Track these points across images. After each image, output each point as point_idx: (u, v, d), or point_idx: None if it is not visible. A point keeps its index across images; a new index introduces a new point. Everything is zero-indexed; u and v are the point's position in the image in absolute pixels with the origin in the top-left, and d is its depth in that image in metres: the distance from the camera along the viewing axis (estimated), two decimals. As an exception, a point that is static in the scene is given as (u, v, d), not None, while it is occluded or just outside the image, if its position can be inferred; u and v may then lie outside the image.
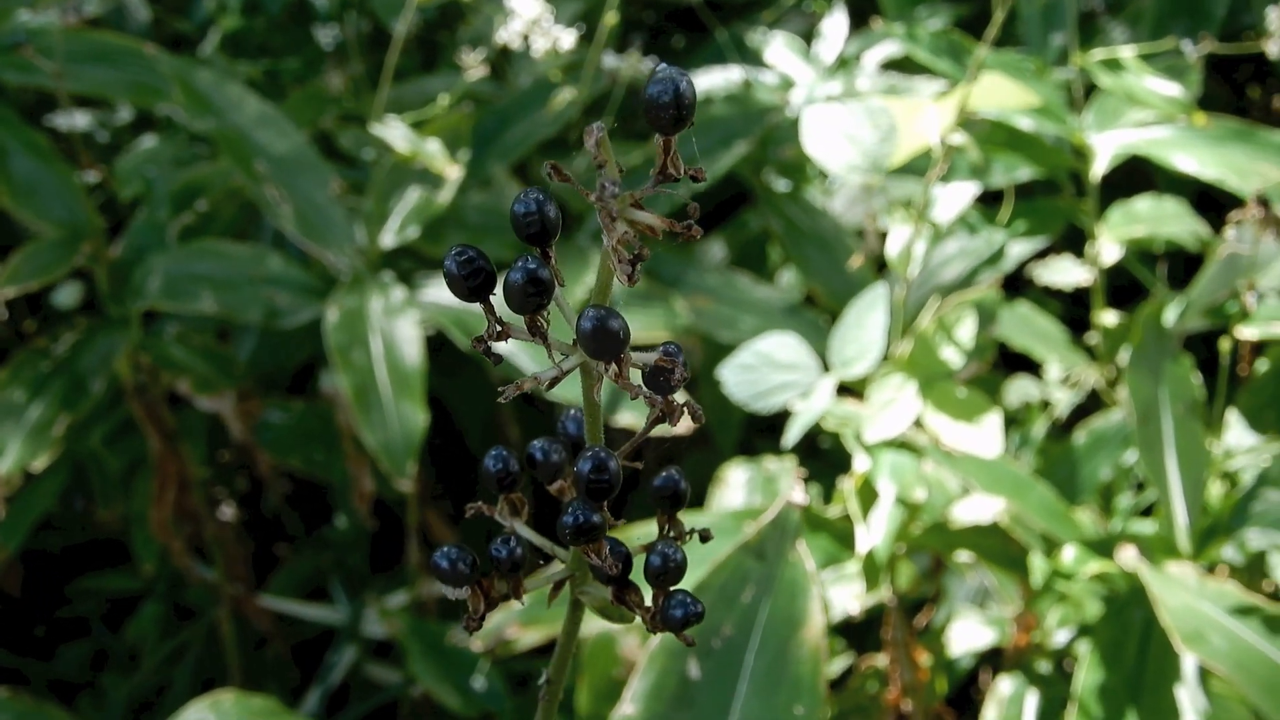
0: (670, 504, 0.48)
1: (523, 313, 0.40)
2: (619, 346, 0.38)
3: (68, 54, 1.70)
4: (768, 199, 1.82)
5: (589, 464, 0.41)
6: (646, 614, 0.46)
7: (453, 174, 1.57)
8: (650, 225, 0.36)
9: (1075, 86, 1.70)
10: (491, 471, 0.48)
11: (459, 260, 0.40)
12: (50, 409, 1.52)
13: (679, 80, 0.35)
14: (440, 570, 0.46)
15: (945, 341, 1.22)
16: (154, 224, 1.69)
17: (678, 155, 0.36)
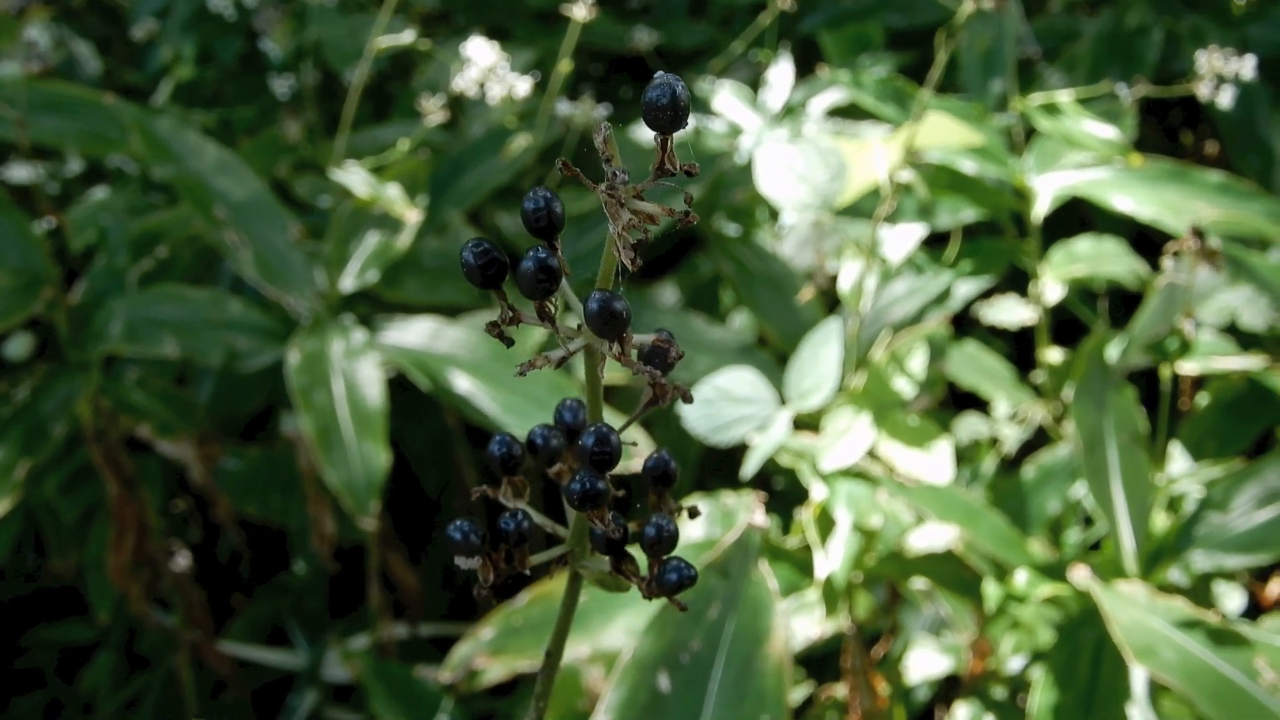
0: (661, 483, 0.51)
1: (533, 298, 0.43)
2: (622, 326, 0.41)
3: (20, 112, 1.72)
4: (719, 243, 1.85)
5: (592, 438, 0.45)
6: (643, 582, 0.50)
7: (412, 218, 1.60)
8: (650, 214, 0.39)
9: (1015, 131, 1.75)
10: (496, 455, 0.51)
11: (475, 251, 0.43)
12: (10, 454, 1.53)
13: (675, 85, 0.39)
14: (454, 542, 0.49)
15: (897, 373, 1.25)
16: (113, 270, 1.70)
17: (674, 153, 0.39)
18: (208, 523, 2.09)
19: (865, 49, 2.11)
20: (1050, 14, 2.26)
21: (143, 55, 2.45)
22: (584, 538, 0.52)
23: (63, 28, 2.46)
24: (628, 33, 2.30)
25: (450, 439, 1.95)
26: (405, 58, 2.33)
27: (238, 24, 2.22)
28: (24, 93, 1.74)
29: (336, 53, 2.11)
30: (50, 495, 1.78)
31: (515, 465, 0.52)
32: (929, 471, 1.22)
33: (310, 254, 1.70)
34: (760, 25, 1.84)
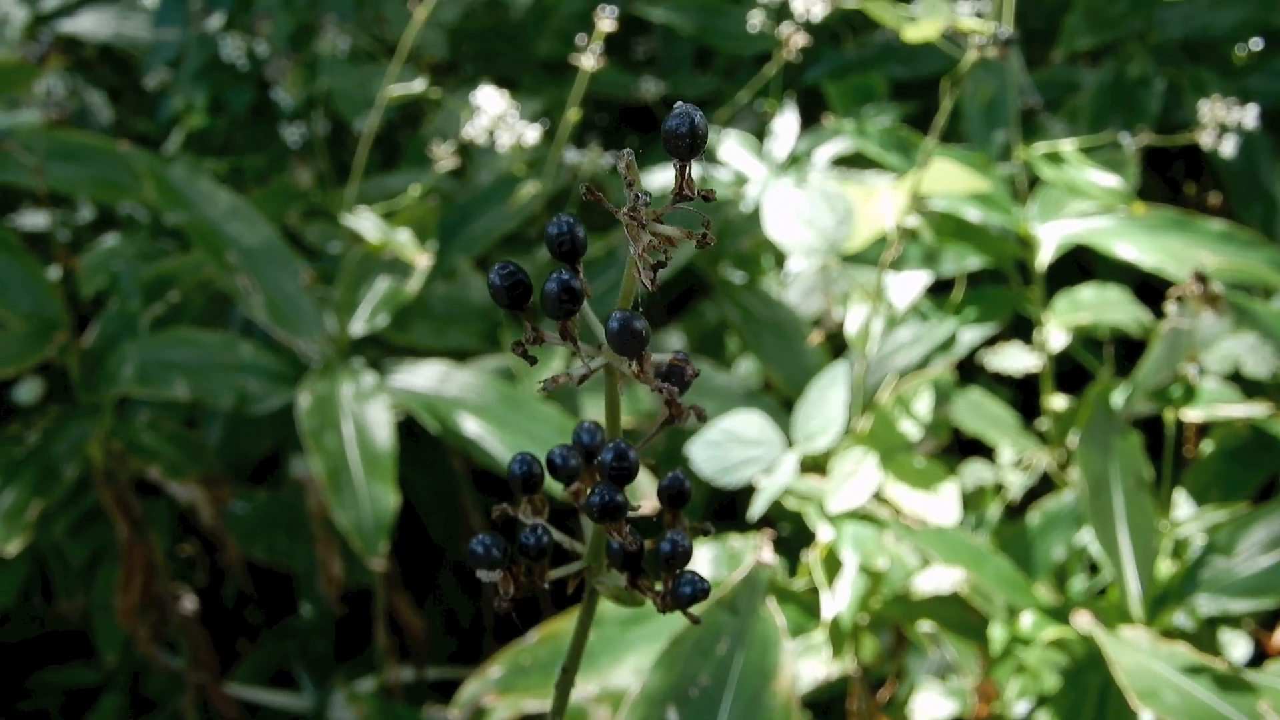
0: (675, 501, 0.53)
1: (556, 318, 0.44)
2: (641, 344, 0.43)
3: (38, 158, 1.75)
4: (725, 290, 1.87)
5: (611, 453, 0.46)
6: (658, 596, 0.51)
7: (422, 262, 1.62)
8: (670, 236, 0.41)
9: (1019, 180, 1.76)
10: (517, 474, 0.53)
11: (502, 274, 0.44)
12: (23, 494, 1.54)
13: (694, 114, 0.40)
14: (476, 555, 0.51)
15: (904, 415, 1.27)
16: (125, 314, 1.72)
17: (692, 179, 0.41)
18: (214, 567, 2.10)
19: (869, 99, 2.13)
20: (1052, 65, 2.29)
21: (154, 104, 2.48)
22: (601, 554, 0.53)
23: (76, 77, 2.49)
24: (634, 83, 2.33)
25: (456, 485, 1.96)
26: (414, 107, 2.36)
27: (249, 73, 2.25)
28: (42, 140, 1.76)
29: (346, 102, 2.13)
30: (59, 538, 1.79)
31: (535, 484, 0.53)
32: (935, 513, 1.23)
33: (320, 299, 1.72)
34: (765, 76, 1.86)
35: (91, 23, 2.43)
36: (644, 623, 1.19)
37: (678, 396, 0.45)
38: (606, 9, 1.51)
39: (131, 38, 2.42)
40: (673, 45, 2.56)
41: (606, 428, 0.49)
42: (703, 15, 2.34)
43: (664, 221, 0.42)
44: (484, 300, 1.83)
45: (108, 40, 2.46)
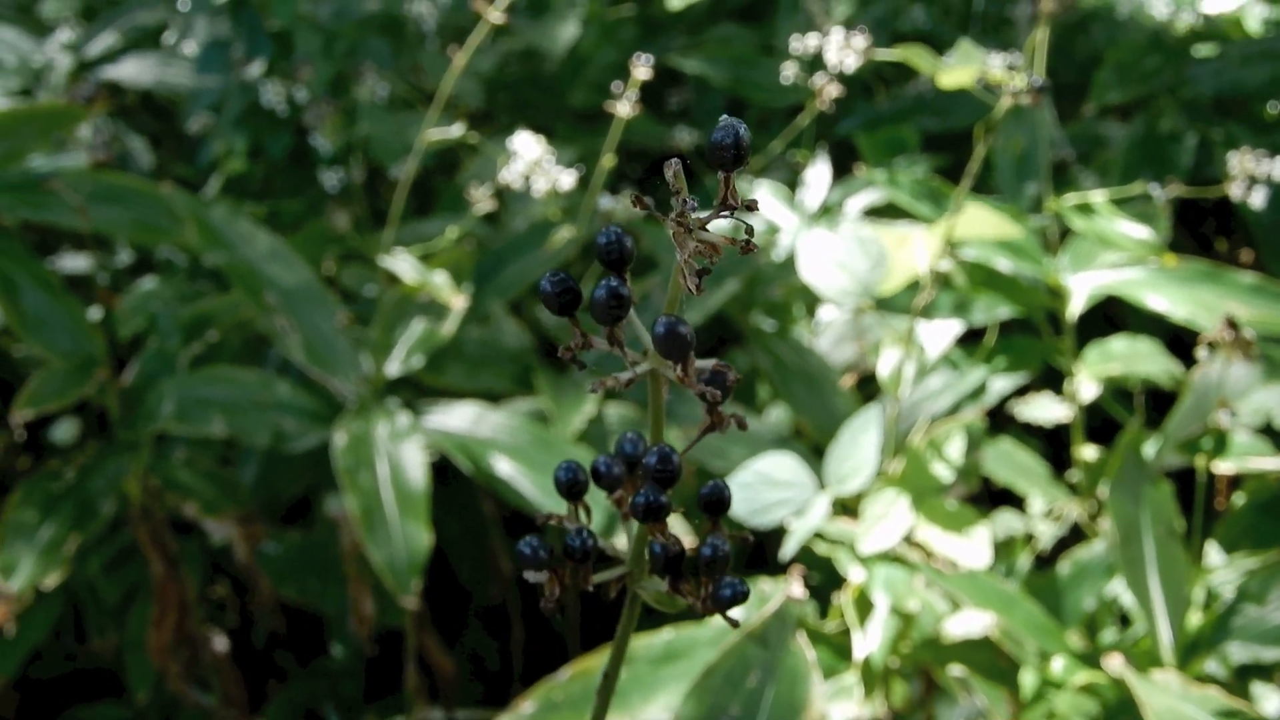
0: (715, 509, 0.54)
1: (604, 324, 0.45)
2: (687, 349, 0.44)
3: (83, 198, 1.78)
4: (756, 338, 1.88)
5: (655, 456, 0.48)
6: (698, 599, 0.52)
7: (458, 304, 1.64)
8: (714, 243, 0.42)
9: (1050, 231, 1.77)
10: (563, 480, 0.54)
11: (553, 280, 0.46)
12: (61, 529, 1.56)
13: (738, 127, 0.42)
14: (524, 556, 0.53)
15: (936, 459, 1.27)
16: (164, 353, 1.75)
17: (736, 190, 0.42)
18: (244, 609, 2.11)
19: (901, 151, 2.15)
20: (1083, 119, 2.30)
21: (193, 150, 2.51)
22: (642, 560, 0.55)
23: (118, 123, 2.53)
24: (667, 133, 2.35)
25: (485, 529, 1.97)
26: (450, 154, 2.39)
27: (288, 119, 2.28)
28: (86, 182, 1.79)
29: (384, 148, 2.16)
30: (93, 575, 1.81)
31: (580, 490, 0.55)
32: (967, 556, 1.23)
33: (357, 339, 1.74)
34: (798, 126, 1.88)
35: (134, 70, 2.47)
36: (676, 661, 1.20)
37: (720, 401, 0.46)
38: (642, 57, 1.54)
39: (173, 85, 2.46)
40: (706, 97, 2.59)
41: (650, 433, 0.50)
42: (736, 67, 2.36)
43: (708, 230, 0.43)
44: (518, 344, 1.84)
45: (149, 87, 2.50)
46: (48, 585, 1.51)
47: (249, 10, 2.28)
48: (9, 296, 1.74)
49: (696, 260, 0.43)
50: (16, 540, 1.54)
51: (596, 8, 2.56)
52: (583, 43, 2.54)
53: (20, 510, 1.58)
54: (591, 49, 2.53)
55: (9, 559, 1.52)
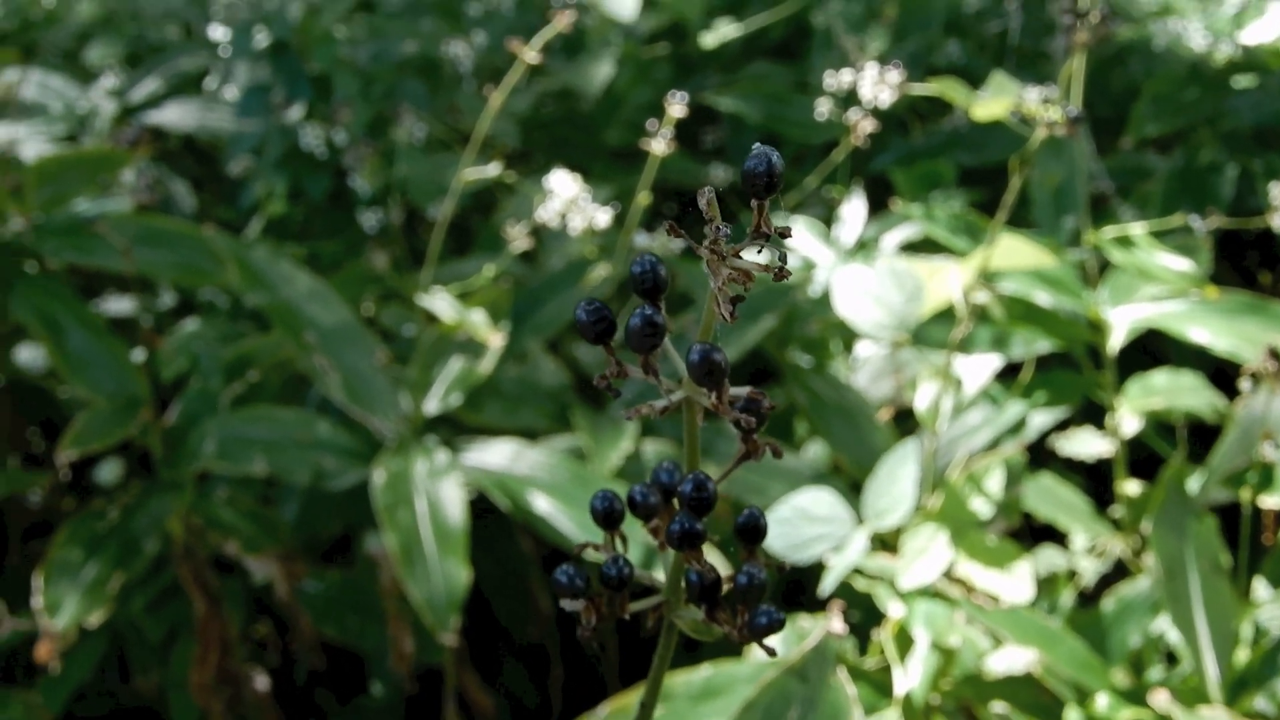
0: (751, 538, 0.54)
1: (639, 352, 0.46)
2: (721, 376, 0.44)
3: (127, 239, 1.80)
4: (793, 374, 1.88)
5: (690, 484, 0.48)
6: (734, 628, 0.52)
7: (496, 342, 1.65)
8: (748, 270, 0.42)
9: (1089, 264, 1.77)
10: (599, 510, 0.54)
11: (588, 309, 0.47)
12: (105, 568, 1.57)
13: (770, 154, 0.42)
14: (560, 584, 0.53)
15: (975, 493, 1.27)
16: (206, 393, 1.76)
17: (769, 217, 0.42)
18: (285, 649, 2.11)
19: (936, 186, 2.15)
20: (1122, 152, 2.30)
21: (234, 193, 2.54)
22: (678, 588, 0.55)
23: (161, 167, 2.56)
24: (702, 170, 2.36)
25: (524, 568, 1.97)
26: (487, 194, 2.41)
27: (328, 161, 2.31)
28: (130, 225, 1.81)
29: (421, 189, 2.18)
30: (136, 614, 1.82)
31: (617, 519, 0.55)
32: (1008, 591, 1.23)
33: (395, 378, 1.75)
34: (832, 162, 1.88)
35: (176, 115, 2.50)
36: (715, 698, 1.19)
37: (754, 428, 0.46)
38: (676, 95, 1.54)
39: (215, 129, 2.49)
40: (741, 134, 2.60)
41: (685, 460, 0.51)
42: (770, 104, 2.37)
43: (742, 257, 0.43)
44: (555, 381, 1.85)
45: (192, 131, 2.53)
46: (92, 623, 1.52)
47: (289, 55, 2.31)
48: (54, 338, 1.77)
49: (730, 288, 0.43)
50: (61, 579, 1.55)
51: (631, 47, 2.57)
52: (618, 82, 2.55)
53: (65, 549, 1.59)
54: (627, 88, 2.55)
55: (54, 597, 1.53)
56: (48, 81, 2.52)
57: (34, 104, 2.45)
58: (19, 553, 2.08)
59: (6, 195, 1.86)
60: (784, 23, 2.69)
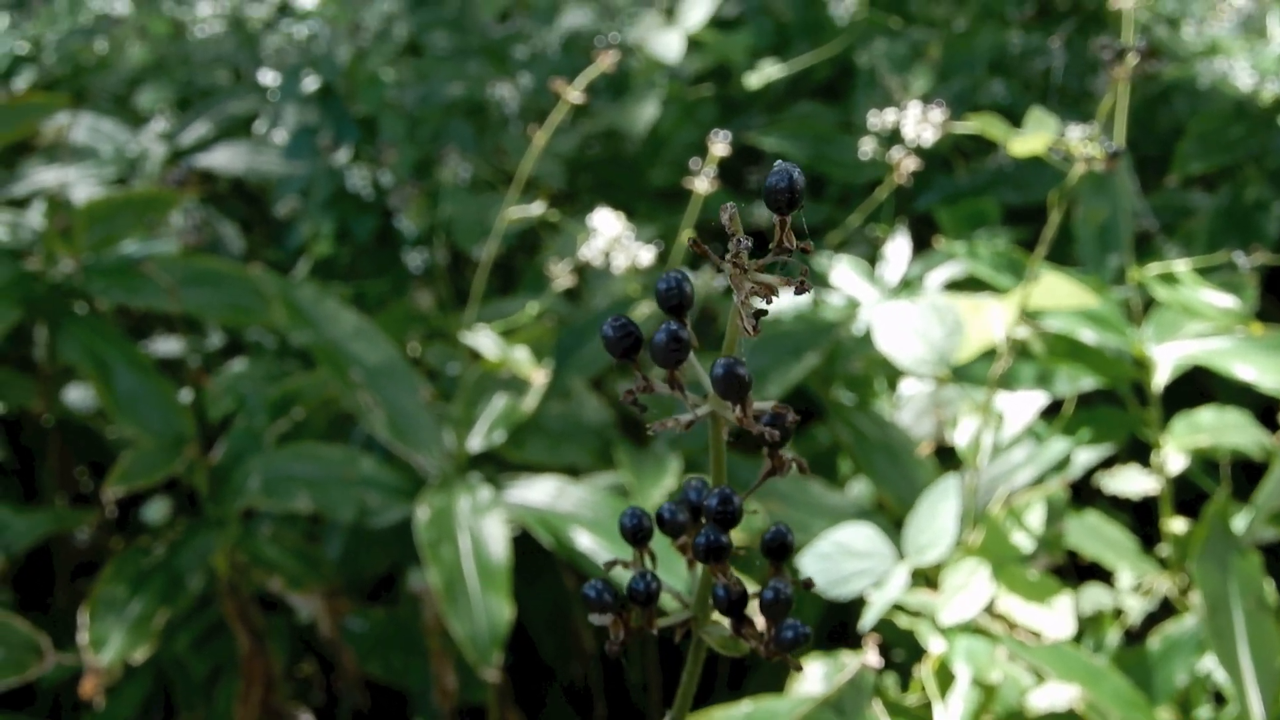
0: (777, 554, 0.54)
1: (665, 367, 0.46)
2: (745, 390, 0.45)
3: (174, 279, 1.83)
4: (837, 411, 1.88)
5: (716, 498, 0.48)
6: (761, 642, 0.52)
7: (539, 379, 1.66)
8: (770, 285, 0.43)
9: (1133, 302, 1.76)
10: (628, 526, 0.55)
11: (614, 325, 0.47)
12: (150, 604, 1.59)
13: (792, 170, 0.43)
14: (589, 599, 0.53)
15: (1016, 528, 1.26)
16: (251, 431, 1.78)
17: (792, 232, 0.43)
18: (329, 687, 2.12)
19: (981, 224, 2.15)
20: (1167, 190, 2.29)
21: (282, 235, 2.57)
22: (706, 604, 0.55)
23: (209, 209, 2.59)
24: (746, 209, 2.36)
25: (568, 606, 1.98)
26: (531, 235, 2.42)
27: (374, 203, 2.33)
28: (177, 265, 1.84)
29: (466, 229, 2.20)
30: (182, 651, 1.83)
31: (645, 536, 0.55)
32: (1050, 626, 1.22)
33: (439, 415, 1.76)
34: (875, 200, 1.89)
35: (226, 158, 2.54)
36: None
37: (780, 442, 0.47)
38: (719, 134, 1.55)
39: (263, 171, 2.52)
40: (785, 174, 2.60)
41: (712, 475, 0.51)
42: (815, 144, 2.38)
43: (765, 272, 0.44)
44: (599, 419, 1.85)
45: (241, 174, 2.57)
46: (137, 659, 1.54)
47: (336, 98, 2.34)
48: (103, 378, 1.79)
49: (752, 301, 0.44)
50: (107, 615, 1.57)
51: (676, 88, 2.59)
52: (663, 123, 2.57)
53: (110, 585, 1.61)
54: (671, 129, 2.57)
55: (99, 633, 1.55)
56: (99, 125, 2.56)
57: (85, 147, 2.49)
58: (66, 591, 2.10)
59: (56, 236, 1.89)
60: (829, 64, 2.70)
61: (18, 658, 1.47)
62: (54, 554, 2.13)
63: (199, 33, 3.23)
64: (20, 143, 2.59)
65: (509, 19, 3.08)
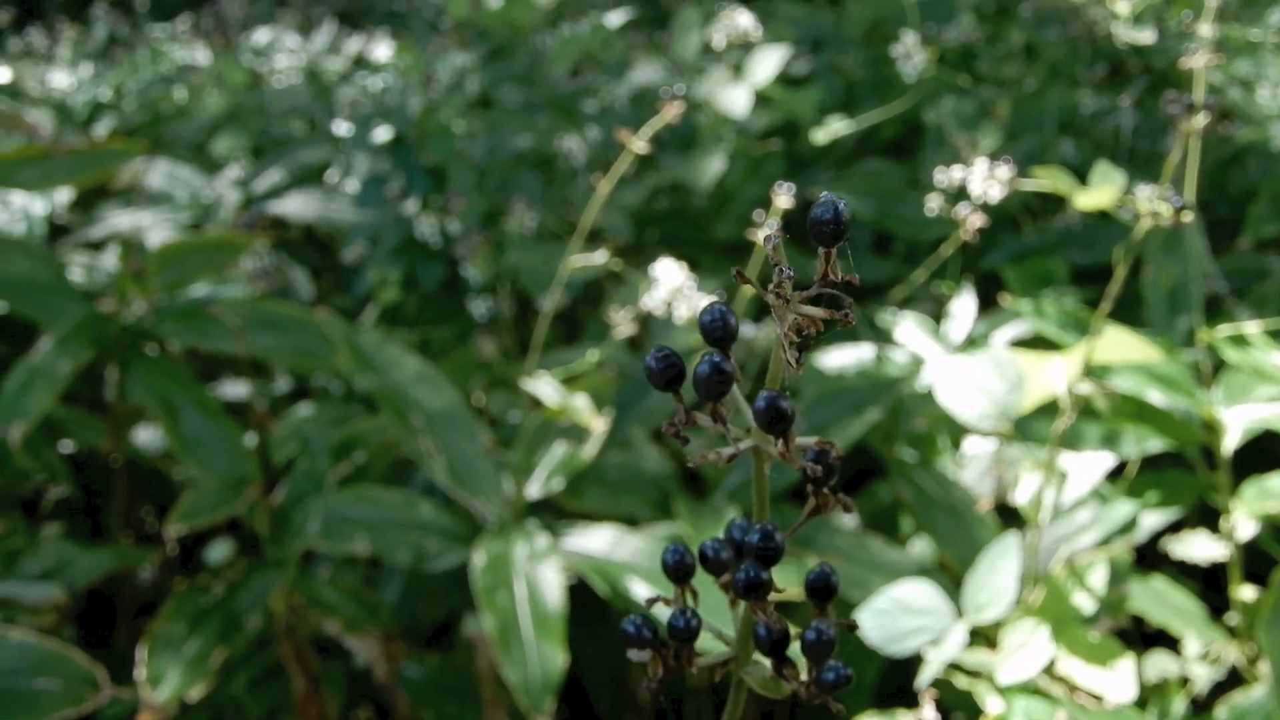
0: (821, 595, 0.54)
1: (707, 399, 0.46)
2: (787, 424, 0.45)
3: (242, 323, 1.85)
4: (899, 469, 1.86)
5: (758, 535, 0.48)
6: (803, 685, 0.52)
7: (599, 427, 1.66)
8: (814, 317, 0.43)
9: (1203, 365, 1.74)
10: (670, 563, 0.55)
11: (658, 358, 0.47)
12: (207, 643, 1.60)
13: (838, 203, 0.43)
14: (628, 635, 0.53)
15: (1077, 588, 1.24)
16: (313, 474, 1.79)
17: (837, 264, 0.43)
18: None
19: (1048, 284, 2.13)
20: (1238, 252, 2.26)
21: (351, 281, 2.60)
22: (748, 643, 0.54)
23: (281, 255, 2.63)
24: (811, 264, 2.36)
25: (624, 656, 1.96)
26: (596, 287, 2.44)
27: (441, 250, 2.36)
28: (246, 308, 1.87)
29: (532, 278, 2.22)
30: (239, 692, 1.84)
31: (687, 573, 0.55)
32: (1111, 690, 1.19)
33: (499, 462, 1.77)
34: (940, 256, 1.88)
35: (298, 205, 2.58)
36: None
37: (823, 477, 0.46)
38: (783, 186, 1.55)
39: (334, 219, 2.56)
40: (851, 231, 2.60)
41: (755, 510, 0.51)
42: (882, 200, 2.38)
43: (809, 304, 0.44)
44: (658, 470, 1.85)
45: (312, 222, 2.61)
46: (193, 697, 1.54)
47: (407, 148, 2.36)
48: (170, 418, 1.82)
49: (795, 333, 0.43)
50: (164, 652, 1.58)
51: (743, 143, 2.60)
52: (729, 178, 2.58)
53: (169, 622, 1.62)
54: (738, 184, 2.57)
55: (156, 670, 1.56)
56: (175, 171, 2.61)
57: (161, 193, 2.54)
58: (129, 630, 2.12)
59: (129, 279, 1.92)
60: (897, 121, 2.70)
61: (74, 690, 1.48)
62: (117, 594, 2.15)
63: (276, 83, 3.29)
64: (99, 187, 2.64)
65: (579, 74, 3.11)
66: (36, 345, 1.84)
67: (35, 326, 1.99)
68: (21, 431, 1.73)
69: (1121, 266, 1.28)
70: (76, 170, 2.05)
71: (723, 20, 2.37)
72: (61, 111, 3.02)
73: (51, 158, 2.04)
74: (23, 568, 1.78)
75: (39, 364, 1.80)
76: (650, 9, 3.79)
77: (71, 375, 1.80)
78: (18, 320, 2.25)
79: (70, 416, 2.06)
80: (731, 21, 2.35)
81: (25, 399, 1.77)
